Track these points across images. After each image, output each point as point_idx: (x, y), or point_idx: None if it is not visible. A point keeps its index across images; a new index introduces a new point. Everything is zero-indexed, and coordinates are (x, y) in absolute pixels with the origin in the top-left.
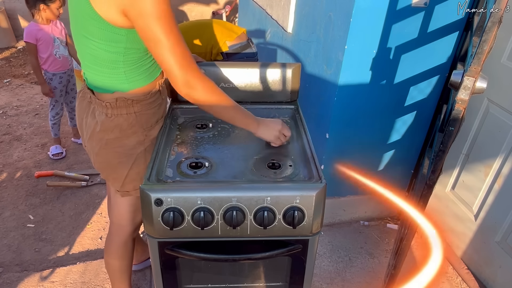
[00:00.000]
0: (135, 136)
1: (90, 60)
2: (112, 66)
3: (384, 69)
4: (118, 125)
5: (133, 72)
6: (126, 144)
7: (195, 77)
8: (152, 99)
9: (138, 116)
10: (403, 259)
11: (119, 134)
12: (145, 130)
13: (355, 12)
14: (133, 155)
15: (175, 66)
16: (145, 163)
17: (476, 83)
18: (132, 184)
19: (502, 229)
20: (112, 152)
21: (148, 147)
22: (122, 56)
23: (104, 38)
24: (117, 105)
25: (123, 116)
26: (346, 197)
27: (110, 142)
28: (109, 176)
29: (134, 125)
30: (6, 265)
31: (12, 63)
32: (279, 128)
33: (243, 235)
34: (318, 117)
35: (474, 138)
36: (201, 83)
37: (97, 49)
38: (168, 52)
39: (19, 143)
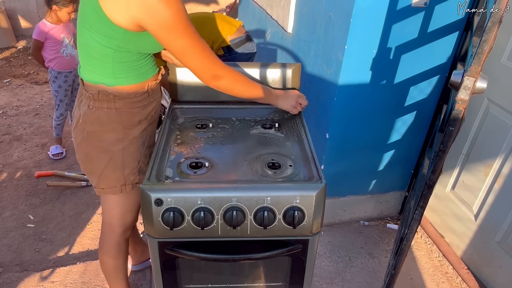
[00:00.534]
0: (114, 132)
1: (84, 49)
2: (101, 58)
3: (384, 69)
4: (97, 118)
5: (120, 69)
6: (104, 139)
7: (220, 68)
8: (137, 99)
9: (118, 113)
10: (403, 259)
11: (98, 128)
12: (125, 128)
13: (355, 12)
14: (110, 151)
15: (203, 69)
16: (122, 162)
17: (476, 83)
18: (106, 181)
19: (502, 229)
20: (91, 145)
21: (127, 146)
22: (113, 52)
23: (101, 31)
24: (99, 98)
25: (103, 110)
26: (346, 197)
27: (90, 135)
28: (86, 169)
29: (113, 121)
30: (6, 265)
31: (12, 63)
32: (296, 98)
33: (243, 235)
34: (318, 117)
35: (474, 138)
36: (226, 71)
37: (91, 39)
38: (194, 59)
39: (19, 143)
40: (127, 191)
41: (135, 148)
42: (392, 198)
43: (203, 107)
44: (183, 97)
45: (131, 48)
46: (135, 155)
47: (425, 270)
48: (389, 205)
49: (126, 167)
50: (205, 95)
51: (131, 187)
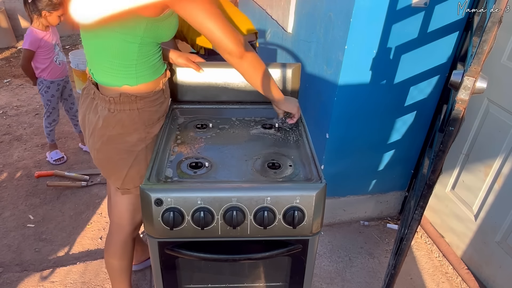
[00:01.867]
0: (136, 133)
1: (101, 52)
2: (126, 57)
3: (384, 69)
4: (120, 120)
5: (143, 66)
6: (128, 141)
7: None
8: (155, 97)
9: (140, 113)
10: (403, 259)
11: (121, 130)
12: (147, 127)
13: (355, 12)
14: (134, 152)
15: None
16: (145, 161)
17: (476, 83)
18: (133, 182)
19: (502, 229)
20: (113, 148)
21: (149, 144)
22: (138, 47)
23: (125, 27)
24: (121, 100)
25: (125, 112)
26: (346, 197)
27: (112, 138)
28: (109, 173)
29: (136, 121)
30: (6, 265)
31: (12, 63)
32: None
33: (243, 235)
34: (318, 117)
35: (474, 138)
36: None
37: (116, 39)
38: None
39: (19, 143)
40: None
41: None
42: (392, 198)
43: (203, 107)
44: (183, 97)
45: (153, 37)
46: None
47: (425, 270)
48: (389, 205)
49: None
50: (205, 95)
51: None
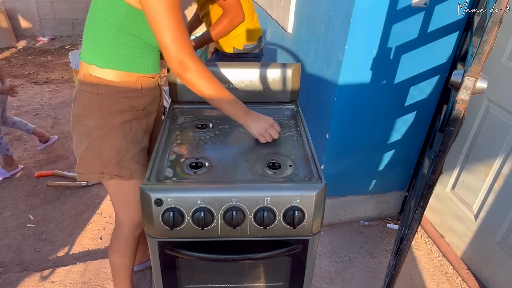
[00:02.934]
0: (94, 118)
1: (89, 29)
2: (101, 36)
3: (384, 69)
4: (82, 101)
5: (115, 51)
6: (86, 124)
7: (190, 58)
8: (122, 89)
9: (100, 98)
10: (403, 259)
11: (82, 112)
12: (105, 115)
13: (355, 12)
14: (89, 136)
15: (172, 45)
16: (99, 149)
17: (477, 83)
18: (85, 166)
19: (502, 229)
20: (76, 128)
21: (106, 133)
22: (114, 29)
23: (108, 6)
24: (85, 81)
25: (86, 94)
26: (346, 197)
27: (75, 118)
28: (75, 153)
29: (94, 106)
30: (6, 265)
31: (12, 63)
32: (267, 126)
33: (243, 235)
34: (318, 117)
35: (474, 138)
36: (195, 65)
37: (98, 16)
38: (167, 31)
39: (19, 143)
40: (106, 181)
41: (114, 137)
42: (392, 198)
43: (203, 107)
44: (183, 97)
45: (132, 28)
46: (114, 146)
47: (425, 270)
48: (389, 205)
49: (103, 155)
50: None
51: (109, 177)
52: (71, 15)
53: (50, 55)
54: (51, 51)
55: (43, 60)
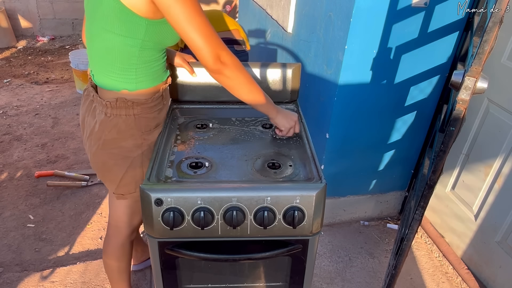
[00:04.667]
0: (132, 138)
1: (103, 55)
2: (127, 61)
3: (384, 69)
4: (116, 125)
5: (143, 70)
6: (123, 146)
7: (226, 52)
8: (153, 103)
9: (137, 119)
10: (403, 259)
11: (116, 135)
12: (143, 134)
13: (355, 12)
14: (129, 158)
15: (205, 45)
16: (141, 167)
17: (477, 83)
18: (127, 187)
19: (502, 229)
20: (108, 153)
21: (146, 151)
22: (138, 51)
23: (124, 28)
24: (117, 105)
25: (121, 117)
26: (346, 197)
27: (107, 143)
28: (104, 177)
29: (132, 127)
30: (6, 265)
31: (12, 63)
32: (295, 120)
33: (243, 235)
34: (318, 117)
35: (474, 138)
36: (233, 59)
37: (117, 42)
38: (197, 30)
39: (19, 143)
40: None
41: (152, 152)
42: (392, 198)
43: (203, 107)
44: (183, 97)
45: (155, 41)
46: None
47: (425, 270)
48: (389, 205)
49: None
50: (205, 95)
51: None
52: (71, 15)
53: (50, 55)
54: (51, 51)
55: (43, 60)
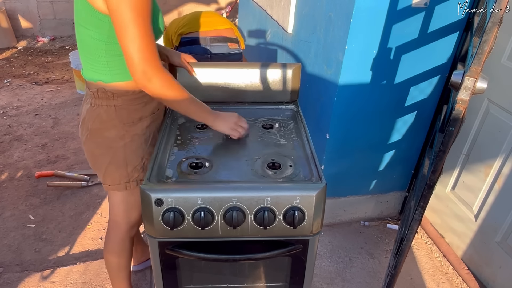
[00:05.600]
0: (114, 129)
1: (81, 47)
2: (96, 53)
3: (385, 69)
4: (98, 115)
5: (115, 64)
6: (107, 136)
7: (153, 69)
8: (135, 96)
9: (117, 110)
10: (403, 259)
11: (99, 125)
12: (125, 125)
13: (355, 12)
14: (112, 148)
15: (136, 55)
16: (124, 159)
17: (477, 83)
18: (111, 178)
19: (502, 229)
20: (94, 142)
21: (128, 143)
22: (105, 44)
23: (91, 23)
24: (99, 95)
25: (103, 108)
26: (346, 197)
27: (93, 132)
28: (93, 166)
29: (113, 118)
30: (7, 265)
31: (12, 63)
32: (235, 120)
33: (244, 235)
34: (318, 117)
35: (474, 138)
36: (159, 76)
37: (86, 35)
38: (132, 40)
39: (19, 143)
40: (132, 188)
41: (137, 145)
42: (392, 198)
43: None
44: None
45: None
46: (137, 152)
47: (425, 270)
48: (389, 205)
49: (129, 164)
50: (205, 95)
51: (136, 184)
52: (71, 15)
53: (50, 55)
54: (52, 51)
55: (43, 60)
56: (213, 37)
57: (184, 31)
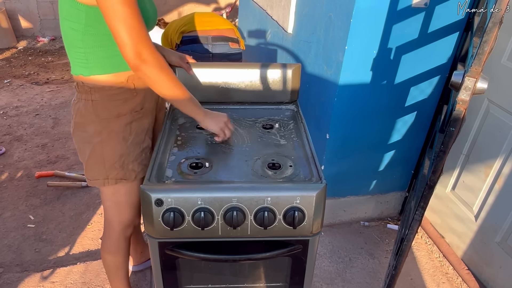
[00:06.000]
0: (93, 124)
1: (65, 41)
2: (74, 45)
3: (384, 69)
4: (79, 110)
5: (93, 55)
6: (87, 131)
7: (148, 50)
8: (113, 92)
9: (95, 105)
10: (403, 259)
11: (80, 119)
12: (102, 121)
13: (355, 12)
14: (91, 143)
15: (127, 35)
16: (102, 155)
17: (477, 83)
18: (91, 173)
19: (502, 229)
20: (77, 135)
21: (105, 139)
22: (81, 34)
23: (68, 13)
24: (79, 89)
25: (82, 102)
26: (346, 198)
27: (76, 126)
28: (80, 159)
29: (90, 112)
30: (7, 265)
31: (12, 63)
32: (225, 120)
33: (244, 235)
34: (318, 117)
35: (475, 138)
36: (154, 56)
37: (67, 27)
38: (121, 21)
39: (19, 144)
40: (111, 186)
41: (115, 142)
42: (392, 198)
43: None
44: None
45: (98, 28)
46: (115, 149)
47: (426, 270)
48: (389, 205)
49: (106, 161)
50: (205, 95)
51: (114, 182)
52: None
53: (50, 56)
54: (52, 51)
55: (43, 60)
56: (214, 37)
57: (186, 30)
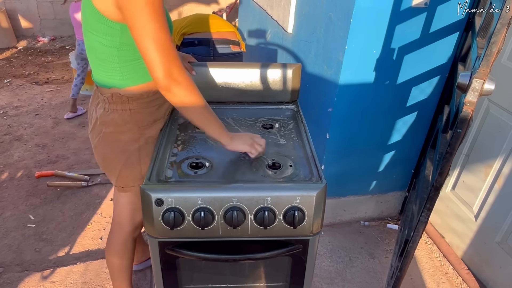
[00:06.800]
0: (130, 133)
1: (92, 54)
2: (108, 60)
3: (385, 69)
4: (113, 120)
5: (128, 69)
6: (121, 140)
7: (179, 70)
8: (149, 99)
9: (133, 114)
10: (409, 261)
11: (114, 129)
12: (140, 128)
13: (356, 12)
14: (127, 151)
15: (157, 54)
16: (138, 161)
17: (484, 85)
18: (125, 180)
19: (502, 229)
20: (108, 146)
21: (143, 145)
22: (117, 50)
23: (102, 31)
24: (113, 100)
25: (118, 112)
26: (347, 197)
27: (107, 136)
28: (105, 169)
29: (128, 122)
30: (7, 265)
31: (12, 63)
32: (251, 136)
33: (244, 235)
34: (318, 117)
35: (475, 138)
36: (185, 77)
37: (96, 42)
38: (152, 40)
39: (19, 143)
40: None
41: (151, 147)
42: (392, 198)
43: None
44: None
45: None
46: (151, 155)
47: (426, 270)
48: (389, 205)
49: (143, 166)
50: (205, 95)
51: None
52: None
53: (50, 55)
54: (52, 51)
55: (43, 60)
56: (216, 39)
57: (187, 32)
